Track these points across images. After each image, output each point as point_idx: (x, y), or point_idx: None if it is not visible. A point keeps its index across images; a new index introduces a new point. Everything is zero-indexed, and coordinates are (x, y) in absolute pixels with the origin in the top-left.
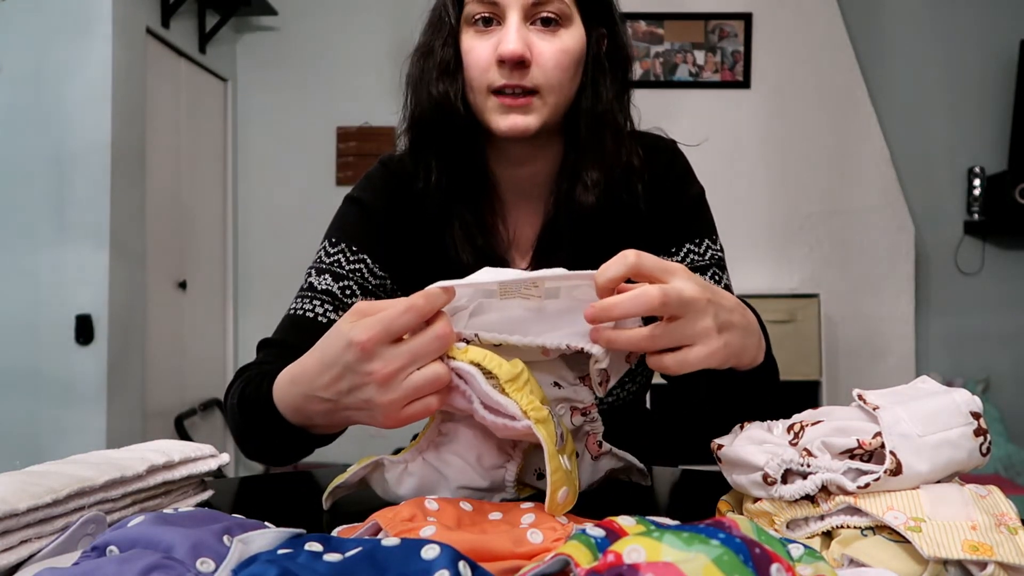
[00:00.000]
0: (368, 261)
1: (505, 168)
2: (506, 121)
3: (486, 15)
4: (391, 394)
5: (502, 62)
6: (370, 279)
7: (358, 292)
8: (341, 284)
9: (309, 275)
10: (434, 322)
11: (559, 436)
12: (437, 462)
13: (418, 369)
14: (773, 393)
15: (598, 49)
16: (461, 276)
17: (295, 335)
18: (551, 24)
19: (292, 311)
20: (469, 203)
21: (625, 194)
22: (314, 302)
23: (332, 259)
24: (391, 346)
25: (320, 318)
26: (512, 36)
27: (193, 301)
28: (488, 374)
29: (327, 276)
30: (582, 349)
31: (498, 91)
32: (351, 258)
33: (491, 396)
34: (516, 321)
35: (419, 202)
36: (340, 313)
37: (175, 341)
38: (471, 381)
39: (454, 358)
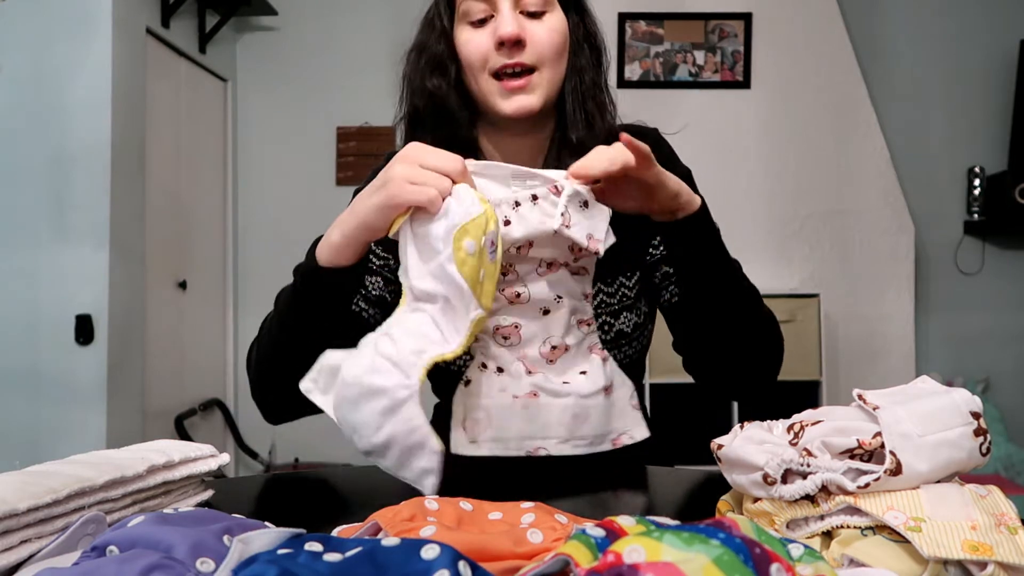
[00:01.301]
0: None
1: (499, 148)
2: (511, 104)
3: (481, 15)
4: (406, 169)
5: (501, 45)
6: (373, 260)
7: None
8: None
9: None
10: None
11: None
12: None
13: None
14: (754, 310)
15: (576, 35)
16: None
17: None
18: (536, 14)
19: None
20: None
21: None
22: None
23: None
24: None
25: None
26: (508, 20)
27: (193, 301)
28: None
29: None
30: (556, 187)
31: (498, 75)
32: None
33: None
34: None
35: None
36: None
37: (175, 341)
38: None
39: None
